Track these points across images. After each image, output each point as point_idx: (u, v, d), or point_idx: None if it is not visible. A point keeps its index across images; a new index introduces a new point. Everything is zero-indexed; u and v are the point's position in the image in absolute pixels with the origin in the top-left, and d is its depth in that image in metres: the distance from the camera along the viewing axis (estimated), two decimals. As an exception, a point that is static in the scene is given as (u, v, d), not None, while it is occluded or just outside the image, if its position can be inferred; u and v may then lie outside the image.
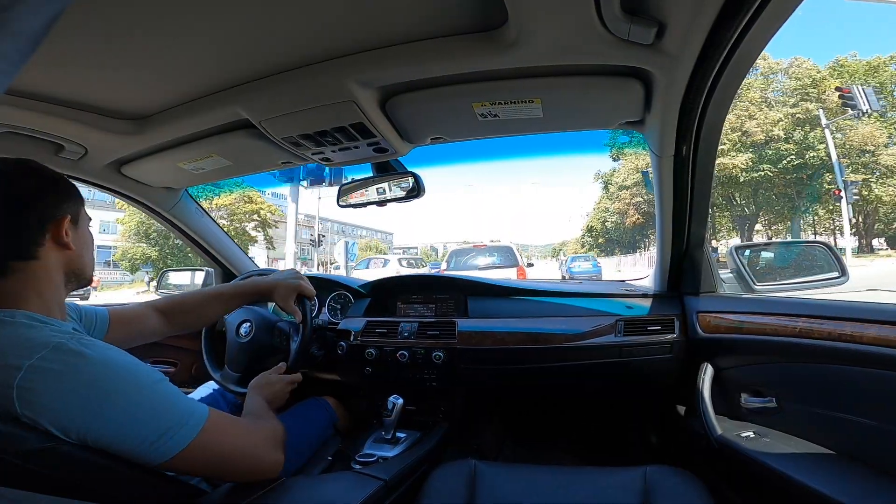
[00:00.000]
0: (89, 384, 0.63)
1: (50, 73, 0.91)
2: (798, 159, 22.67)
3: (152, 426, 0.66)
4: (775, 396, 1.11)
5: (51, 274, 0.73)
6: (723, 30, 0.68)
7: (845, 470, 0.90)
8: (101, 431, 0.62)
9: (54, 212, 0.73)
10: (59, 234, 0.73)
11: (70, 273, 0.77)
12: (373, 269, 16.47)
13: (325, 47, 0.87)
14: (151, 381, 0.70)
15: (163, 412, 0.68)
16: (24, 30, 0.24)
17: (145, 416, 0.66)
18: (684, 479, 0.98)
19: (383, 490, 1.00)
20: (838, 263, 1.28)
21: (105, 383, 0.64)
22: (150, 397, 0.68)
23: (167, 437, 0.66)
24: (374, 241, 61.00)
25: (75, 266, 0.78)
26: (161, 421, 0.67)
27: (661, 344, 1.36)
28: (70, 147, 1.20)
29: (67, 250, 0.75)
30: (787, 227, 27.20)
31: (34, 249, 0.71)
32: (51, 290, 0.73)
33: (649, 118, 1.02)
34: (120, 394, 0.65)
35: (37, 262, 0.71)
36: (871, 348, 0.85)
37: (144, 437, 0.65)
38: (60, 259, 0.74)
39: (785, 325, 1.05)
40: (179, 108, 1.08)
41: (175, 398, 0.71)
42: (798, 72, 23.59)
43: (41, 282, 0.71)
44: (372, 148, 1.21)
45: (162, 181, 1.57)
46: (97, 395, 0.63)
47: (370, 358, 1.55)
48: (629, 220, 35.07)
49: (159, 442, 0.66)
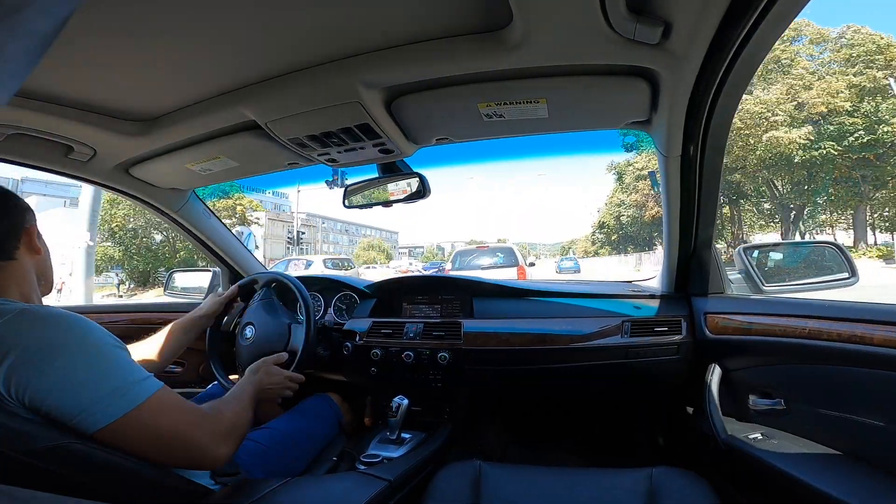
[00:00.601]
0: (38, 339, 0.66)
1: (59, 75, 0.92)
2: (868, 135, 19.29)
3: (89, 391, 0.66)
4: (784, 398, 1.10)
5: (26, 273, 0.81)
6: (729, 29, 0.68)
7: (853, 472, 0.89)
8: (37, 388, 0.63)
9: (25, 221, 0.82)
10: (31, 240, 0.82)
11: (40, 275, 0.86)
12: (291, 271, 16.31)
13: (331, 48, 0.87)
14: (102, 345, 0.71)
15: (103, 379, 0.68)
16: (35, 32, 0.25)
17: (84, 378, 0.66)
18: (691, 481, 0.98)
19: (388, 490, 1.00)
20: (848, 264, 1.26)
21: (52, 339, 0.66)
22: (95, 361, 0.68)
23: (102, 405, 0.66)
24: (378, 241, 59.88)
25: (42, 268, 0.87)
26: (99, 388, 0.67)
27: (669, 345, 1.35)
28: (79, 148, 1.21)
29: (37, 254, 0.84)
30: (839, 220, 23.72)
31: (12, 251, 0.79)
32: (28, 286, 0.81)
33: (656, 118, 1.02)
34: (63, 351, 0.66)
35: (15, 262, 0.79)
36: (880, 350, 0.84)
37: (78, 401, 0.65)
38: (32, 262, 0.83)
39: (794, 327, 1.04)
40: (187, 110, 1.09)
41: (122, 368, 0.71)
42: (856, 38, 21.05)
43: (19, 279, 0.79)
44: (377, 149, 1.21)
45: (170, 182, 1.58)
46: (42, 349, 0.65)
47: (375, 358, 1.55)
48: (648, 213, 32.74)
49: (92, 408, 0.65)
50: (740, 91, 0.86)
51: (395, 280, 1.85)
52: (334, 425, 1.38)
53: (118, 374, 0.70)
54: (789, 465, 0.94)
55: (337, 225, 61.48)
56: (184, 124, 1.12)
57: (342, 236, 63.26)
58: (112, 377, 0.69)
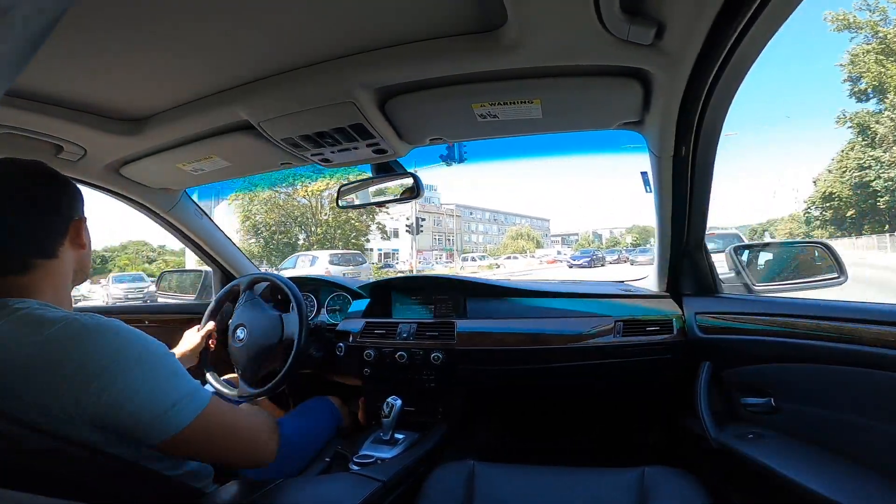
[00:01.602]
0: (94, 352, 0.63)
1: (50, 74, 0.91)
2: None
3: (163, 396, 0.66)
4: (774, 397, 1.11)
5: (66, 271, 0.77)
6: (722, 30, 0.69)
7: (843, 471, 0.90)
8: (112, 399, 0.62)
9: (73, 213, 0.77)
10: (77, 235, 0.77)
11: (78, 270, 0.80)
12: (300, 269, 15.60)
13: (325, 48, 0.87)
14: (162, 352, 0.70)
15: (173, 383, 0.68)
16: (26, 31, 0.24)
17: (158, 385, 0.66)
18: (682, 480, 0.98)
19: (382, 491, 1.00)
20: (837, 263, 1.28)
21: (117, 347, 0.65)
22: (163, 367, 0.68)
23: (176, 410, 0.66)
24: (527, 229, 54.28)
25: (84, 263, 0.81)
26: (171, 392, 0.67)
27: (660, 345, 1.36)
28: (69, 148, 1.20)
29: (81, 249, 0.79)
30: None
31: (56, 249, 0.74)
32: (64, 285, 0.77)
33: (648, 118, 1.02)
34: (133, 360, 0.65)
35: (56, 261, 0.74)
36: (870, 349, 0.85)
37: (153, 408, 0.64)
38: (74, 257, 0.78)
39: (783, 326, 1.05)
40: (179, 110, 1.08)
41: (182, 371, 0.72)
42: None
43: (57, 278, 0.75)
44: (371, 149, 1.21)
45: (161, 182, 1.57)
46: (112, 360, 0.63)
47: (369, 359, 1.55)
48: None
49: (167, 414, 0.65)
50: (733, 92, 0.87)
51: (388, 280, 1.85)
52: (333, 428, 1.38)
53: (178, 382, 0.69)
54: (780, 464, 0.95)
55: (485, 214, 59.08)
56: (176, 124, 1.11)
57: (492, 226, 59.92)
58: (174, 385, 0.68)
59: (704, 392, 1.22)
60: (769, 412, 1.12)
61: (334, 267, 14.77)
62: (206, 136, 1.20)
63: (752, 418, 1.17)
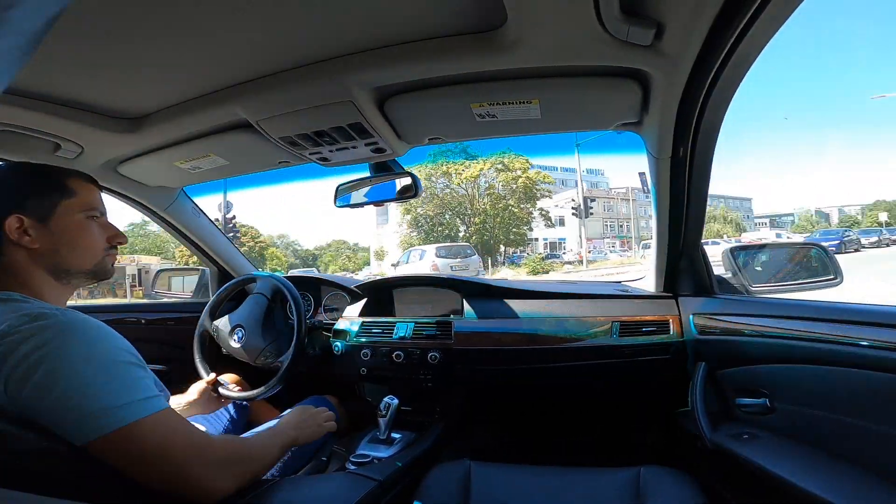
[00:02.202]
0: (45, 342, 0.62)
1: (48, 72, 0.91)
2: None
3: (89, 400, 0.62)
4: (769, 398, 1.12)
5: (26, 269, 0.74)
6: (722, 31, 0.69)
7: (838, 471, 0.90)
8: (33, 390, 0.60)
9: (3, 212, 0.73)
10: (7, 234, 0.73)
11: (53, 269, 0.77)
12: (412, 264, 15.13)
13: (324, 47, 0.87)
14: (114, 358, 0.67)
15: (106, 390, 0.64)
16: (24, 29, 0.24)
17: (85, 386, 0.63)
18: (678, 480, 0.99)
19: (378, 490, 1.00)
20: (832, 265, 1.29)
21: (61, 341, 0.63)
22: (102, 371, 0.65)
23: (96, 417, 0.62)
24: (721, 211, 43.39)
25: (53, 263, 0.76)
26: (99, 399, 0.63)
27: (657, 345, 1.37)
28: (66, 146, 1.20)
29: (29, 248, 0.74)
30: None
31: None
32: (35, 282, 0.74)
33: (647, 119, 1.02)
34: (72, 355, 0.63)
35: (4, 258, 0.73)
36: (865, 350, 0.86)
37: (74, 410, 0.61)
38: (29, 256, 0.74)
39: (779, 327, 1.06)
40: (177, 108, 1.07)
41: (130, 382, 0.67)
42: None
43: (18, 274, 0.73)
44: (370, 148, 1.21)
45: (158, 180, 1.57)
46: (49, 350, 0.61)
47: (366, 358, 1.55)
48: None
49: (87, 419, 0.62)
50: (731, 93, 0.87)
51: (385, 280, 1.85)
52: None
53: (120, 390, 0.65)
54: (774, 465, 0.95)
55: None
56: (174, 122, 1.11)
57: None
58: (114, 392, 0.64)
59: (700, 392, 1.22)
60: (764, 413, 1.12)
61: (440, 260, 14.18)
62: (204, 134, 1.20)
63: (747, 419, 1.17)
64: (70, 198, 0.79)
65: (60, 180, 0.79)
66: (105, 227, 0.84)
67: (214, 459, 0.73)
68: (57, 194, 0.78)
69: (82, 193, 0.81)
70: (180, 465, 0.69)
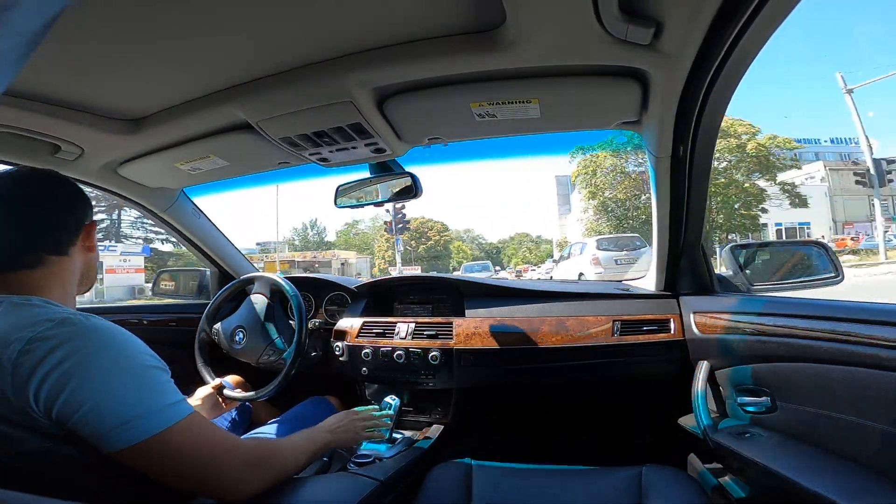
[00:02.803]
0: (74, 351, 0.62)
1: (47, 74, 0.91)
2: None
3: (122, 408, 0.63)
4: (771, 396, 1.12)
5: (74, 271, 0.78)
6: (721, 30, 0.69)
7: (840, 469, 0.90)
8: (67, 401, 0.60)
9: (86, 216, 0.80)
10: (88, 237, 0.80)
11: (84, 274, 0.81)
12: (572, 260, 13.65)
13: (323, 48, 0.87)
14: (141, 363, 0.68)
15: (138, 397, 0.65)
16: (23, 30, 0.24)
17: (118, 394, 0.63)
18: (680, 479, 0.99)
19: (379, 490, 1.00)
20: (833, 263, 1.28)
21: (90, 349, 0.63)
22: (132, 377, 0.66)
23: (132, 425, 0.63)
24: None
25: (90, 267, 0.83)
26: (133, 406, 0.64)
27: (658, 344, 1.37)
28: (66, 147, 1.20)
29: (90, 252, 0.81)
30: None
31: (68, 248, 0.76)
32: (71, 285, 0.78)
33: (646, 118, 1.02)
34: (102, 363, 0.63)
35: (67, 259, 0.76)
36: (866, 349, 0.85)
37: (109, 418, 0.62)
38: (83, 259, 0.80)
39: (781, 325, 1.05)
40: (177, 109, 1.07)
41: (155, 390, 0.68)
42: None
43: (65, 276, 0.76)
44: (370, 148, 1.21)
45: (158, 182, 1.57)
46: (80, 359, 0.62)
47: (367, 358, 1.55)
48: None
49: (121, 427, 0.62)
50: (730, 92, 0.87)
51: (386, 280, 1.85)
52: None
53: (151, 397, 0.66)
54: (776, 463, 0.95)
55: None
56: (173, 123, 1.11)
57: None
58: (145, 399, 0.65)
59: (702, 391, 1.22)
60: (766, 411, 1.12)
61: (602, 253, 12.48)
62: (204, 135, 1.20)
63: (749, 417, 1.17)
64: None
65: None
66: None
67: (244, 461, 0.75)
68: (91, 209, 0.83)
69: None
70: (211, 467, 0.71)
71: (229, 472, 0.72)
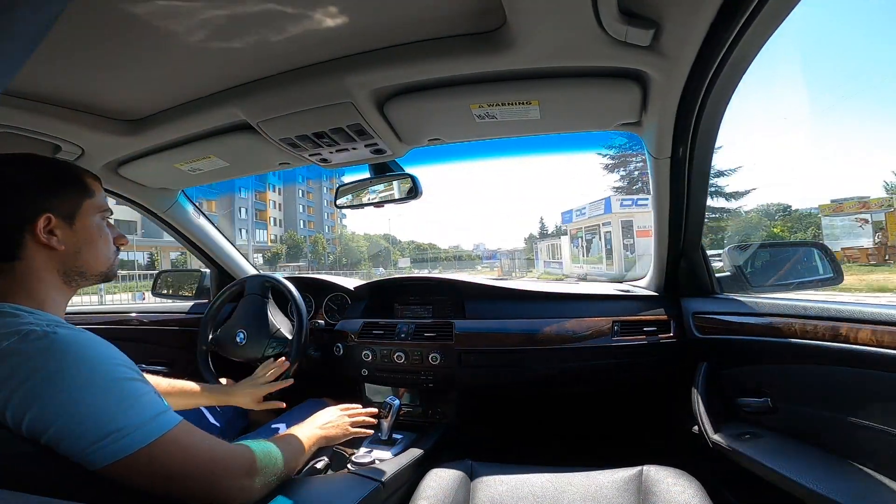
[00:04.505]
0: (39, 368, 0.58)
1: (48, 74, 0.91)
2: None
3: (98, 424, 0.59)
4: (771, 397, 1.12)
5: (39, 274, 0.70)
6: (720, 31, 0.69)
7: (840, 470, 0.90)
8: (34, 420, 0.57)
9: (33, 211, 0.69)
10: (38, 235, 0.69)
11: (67, 272, 0.73)
12: None
13: (323, 49, 0.87)
14: (115, 376, 0.63)
15: (114, 412, 0.61)
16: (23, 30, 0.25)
17: (92, 411, 0.59)
18: (681, 479, 0.98)
19: (379, 491, 1.00)
20: (832, 264, 1.29)
21: (56, 366, 0.59)
22: (106, 392, 0.61)
23: (111, 440, 0.59)
24: None
25: (71, 265, 0.73)
26: (110, 422, 0.60)
27: (658, 345, 1.37)
28: (67, 147, 1.20)
29: (55, 250, 0.70)
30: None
31: (15, 250, 0.68)
32: (42, 288, 0.70)
33: (646, 120, 1.03)
34: (70, 380, 0.59)
35: (21, 263, 0.68)
36: (865, 349, 0.85)
37: (84, 436, 0.58)
38: (49, 259, 0.71)
39: (780, 326, 1.05)
40: (177, 110, 1.08)
41: (136, 400, 0.64)
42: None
43: (29, 281, 0.69)
44: (370, 149, 1.21)
45: (159, 182, 1.57)
46: (44, 377, 0.58)
47: (367, 359, 1.55)
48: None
49: (100, 444, 0.59)
50: (730, 93, 0.87)
51: (387, 281, 1.85)
52: None
53: (130, 410, 0.62)
54: (776, 464, 0.95)
55: None
56: (174, 124, 1.11)
57: None
58: (123, 413, 0.61)
59: (702, 392, 1.22)
60: (766, 412, 1.12)
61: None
62: (204, 136, 1.20)
63: (749, 418, 1.17)
64: (91, 197, 0.76)
65: (80, 177, 0.76)
66: (112, 228, 0.82)
67: (239, 469, 0.72)
68: (81, 192, 0.75)
69: (97, 194, 0.78)
70: (206, 479, 0.67)
71: (228, 481, 0.70)
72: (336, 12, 0.76)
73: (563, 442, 1.76)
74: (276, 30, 0.80)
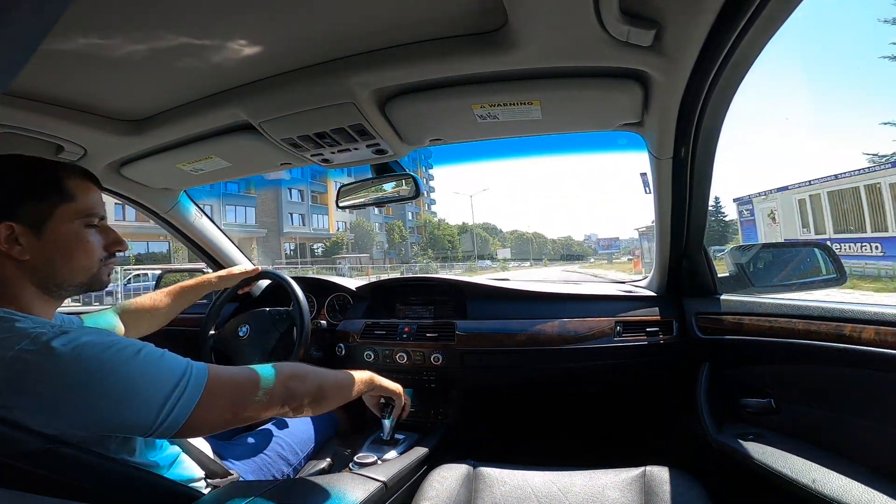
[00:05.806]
0: (69, 385, 0.58)
1: (50, 74, 0.91)
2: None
3: (149, 401, 0.61)
4: (773, 397, 1.12)
5: (11, 282, 0.68)
6: (721, 31, 0.69)
7: (843, 471, 0.90)
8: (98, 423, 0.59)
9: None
10: (3, 242, 0.66)
11: (41, 282, 0.70)
12: None
13: (325, 49, 0.87)
14: (130, 355, 0.62)
15: (153, 383, 0.62)
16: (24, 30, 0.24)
17: (137, 392, 0.60)
18: (683, 480, 0.98)
19: (382, 491, 1.00)
20: (836, 264, 1.28)
21: (83, 378, 0.58)
22: (135, 373, 0.61)
23: (170, 407, 0.61)
24: None
25: (43, 275, 0.70)
26: (156, 393, 0.61)
27: (660, 346, 1.36)
28: (70, 148, 1.20)
29: (20, 260, 0.67)
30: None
31: None
32: (25, 295, 0.69)
33: (648, 120, 1.02)
34: (101, 383, 0.59)
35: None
36: (868, 349, 0.85)
37: (145, 415, 0.60)
38: (18, 269, 0.68)
39: (783, 327, 1.05)
40: (179, 110, 1.08)
41: (162, 363, 0.65)
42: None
43: (8, 287, 0.68)
44: (371, 150, 1.21)
45: (161, 182, 1.57)
46: (80, 393, 0.58)
47: (369, 360, 1.55)
48: None
49: (163, 414, 0.61)
50: (731, 93, 0.87)
51: (389, 281, 1.85)
52: (330, 428, 1.38)
53: (164, 379, 0.63)
54: (779, 464, 0.95)
55: None
56: (176, 124, 1.11)
57: None
58: (158, 385, 0.62)
59: (704, 393, 1.22)
60: (769, 412, 1.12)
61: None
62: (206, 136, 1.21)
63: (751, 419, 1.17)
64: (68, 202, 0.72)
65: (58, 181, 0.72)
66: (105, 232, 0.78)
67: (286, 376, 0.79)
68: (54, 198, 0.70)
69: (81, 197, 0.74)
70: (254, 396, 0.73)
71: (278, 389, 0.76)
72: (337, 13, 0.76)
73: (566, 442, 1.76)
74: (277, 30, 0.80)
